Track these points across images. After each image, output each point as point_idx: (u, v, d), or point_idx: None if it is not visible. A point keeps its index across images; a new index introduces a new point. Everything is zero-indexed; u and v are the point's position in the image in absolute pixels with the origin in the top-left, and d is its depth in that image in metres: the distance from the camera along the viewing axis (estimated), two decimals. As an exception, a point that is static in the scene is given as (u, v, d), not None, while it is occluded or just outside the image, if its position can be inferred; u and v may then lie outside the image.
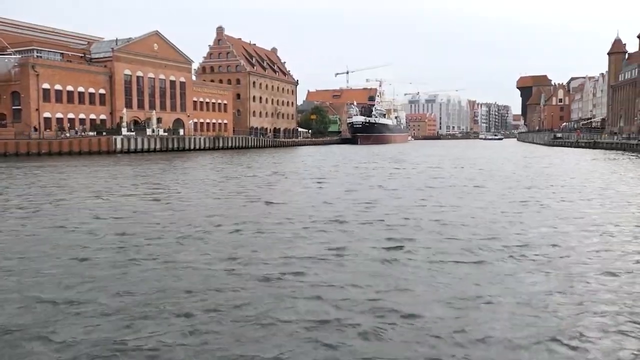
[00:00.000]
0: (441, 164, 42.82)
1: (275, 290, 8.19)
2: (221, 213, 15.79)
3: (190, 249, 10.97)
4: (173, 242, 11.71)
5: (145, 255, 10.39)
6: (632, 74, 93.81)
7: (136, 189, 22.73)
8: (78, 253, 10.63)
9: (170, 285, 8.46)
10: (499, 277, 8.93)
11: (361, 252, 10.60)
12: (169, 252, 10.71)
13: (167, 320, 6.96)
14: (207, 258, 10.19)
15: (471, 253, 10.59)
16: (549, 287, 8.36)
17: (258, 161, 45.88)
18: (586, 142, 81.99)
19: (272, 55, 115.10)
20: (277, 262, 9.86)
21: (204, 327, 6.70)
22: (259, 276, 8.91)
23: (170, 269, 9.44)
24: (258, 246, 11.19)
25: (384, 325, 6.80)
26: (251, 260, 9.96)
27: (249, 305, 7.53)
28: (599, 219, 14.65)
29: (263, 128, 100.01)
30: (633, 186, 23.75)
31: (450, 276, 8.99)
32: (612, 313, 7.25)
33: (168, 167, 36.90)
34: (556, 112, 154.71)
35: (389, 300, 7.72)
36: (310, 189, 22.80)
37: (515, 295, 7.94)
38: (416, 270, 9.40)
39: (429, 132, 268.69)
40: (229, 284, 8.48)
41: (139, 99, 71.03)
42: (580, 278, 8.86)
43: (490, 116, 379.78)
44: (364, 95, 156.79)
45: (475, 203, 17.95)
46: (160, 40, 74.46)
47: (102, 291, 8.12)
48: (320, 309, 7.40)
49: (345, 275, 9.01)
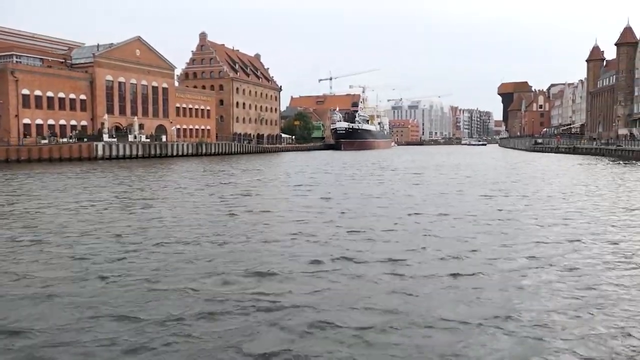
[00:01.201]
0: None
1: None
2: (186, 225, 14.84)
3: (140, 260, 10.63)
4: (120, 252, 11.37)
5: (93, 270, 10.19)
6: (610, 80, 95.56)
7: (97, 197, 22.22)
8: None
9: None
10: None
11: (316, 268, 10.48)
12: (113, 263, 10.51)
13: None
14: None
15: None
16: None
17: (240, 168, 45.68)
18: (566, 148, 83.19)
19: (255, 61, 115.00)
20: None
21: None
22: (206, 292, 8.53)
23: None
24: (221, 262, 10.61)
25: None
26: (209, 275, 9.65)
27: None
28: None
29: (246, 134, 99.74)
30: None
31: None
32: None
33: (145, 175, 36.47)
34: (536, 118, 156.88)
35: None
36: (292, 198, 22.27)
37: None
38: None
39: (411, 138, 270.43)
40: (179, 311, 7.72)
41: (120, 104, 70.36)
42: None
43: (472, 122, 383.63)
44: (348, 102, 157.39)
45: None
46: (142, 45, 73.94)
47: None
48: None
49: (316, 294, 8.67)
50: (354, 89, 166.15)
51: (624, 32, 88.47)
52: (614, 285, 8.87)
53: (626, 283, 9.00)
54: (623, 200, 20.60)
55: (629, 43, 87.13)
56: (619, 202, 20.26)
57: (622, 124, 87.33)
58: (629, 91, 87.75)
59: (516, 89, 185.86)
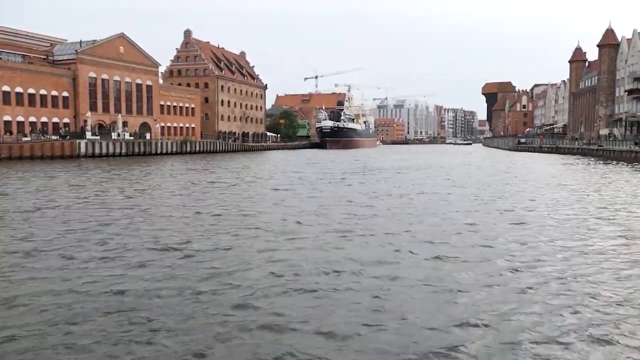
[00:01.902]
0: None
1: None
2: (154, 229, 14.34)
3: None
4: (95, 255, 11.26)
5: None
6: (592, 81, 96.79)
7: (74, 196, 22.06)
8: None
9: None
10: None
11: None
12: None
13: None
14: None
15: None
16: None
17: (224, 166, 45.51)
18: (549, 147, 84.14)
19: (240, 59, 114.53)
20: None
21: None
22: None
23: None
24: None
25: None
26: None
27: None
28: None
29: (231, 132, 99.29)
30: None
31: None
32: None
33: (125, 173, 36.19)
34: (520, 118, 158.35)
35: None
36: (275, 198, 22.23)
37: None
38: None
39: (397, 136, 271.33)
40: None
41: (104, 102, 69.65)
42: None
43: (456, 121, 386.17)
44: (333, 100, 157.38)
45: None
46: (126, 42, 73.23)
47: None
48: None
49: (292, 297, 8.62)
50: (339, 87, 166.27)
51: (606, 34, 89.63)
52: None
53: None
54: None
55: (611, 45, 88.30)
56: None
57: (604, 124, 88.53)
58: (610, 92, 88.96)
59: (500, 89, 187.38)
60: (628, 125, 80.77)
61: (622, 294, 8.53)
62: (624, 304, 8.00)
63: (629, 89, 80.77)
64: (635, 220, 15.89)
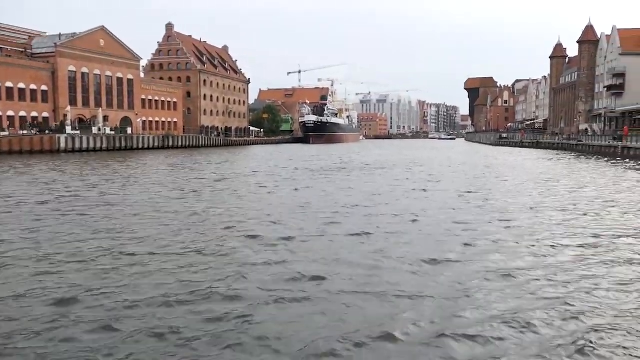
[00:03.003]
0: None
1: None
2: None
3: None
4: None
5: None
6: (572, 77, 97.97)
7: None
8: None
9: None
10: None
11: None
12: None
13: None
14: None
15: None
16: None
17: (205, 161, 45.20)
18: (530, 142, 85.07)
19: (223, 53, 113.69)
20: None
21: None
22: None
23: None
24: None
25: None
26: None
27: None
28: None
29: (214, 127, 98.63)
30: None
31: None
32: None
33: (98, 168, 35.74)
34: (502, 113, 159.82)
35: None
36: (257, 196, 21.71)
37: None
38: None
39: (380, 131, 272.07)
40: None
41: (84, 96, 68.66)
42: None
43: (439, 116, 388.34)
44: (316, 95, 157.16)
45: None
46: (106, 35, 72.22)
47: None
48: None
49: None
50: (322, 82, 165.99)
51: (586, 31, 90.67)
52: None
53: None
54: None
55: (591, 41, 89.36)
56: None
57: (583, 120, 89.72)
58: (589, 88, 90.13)
59: (482, 84, 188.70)
60: (607, 121, 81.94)
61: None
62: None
63: (608, 85, 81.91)
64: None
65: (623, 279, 9.16)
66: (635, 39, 78.42)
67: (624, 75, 78.66)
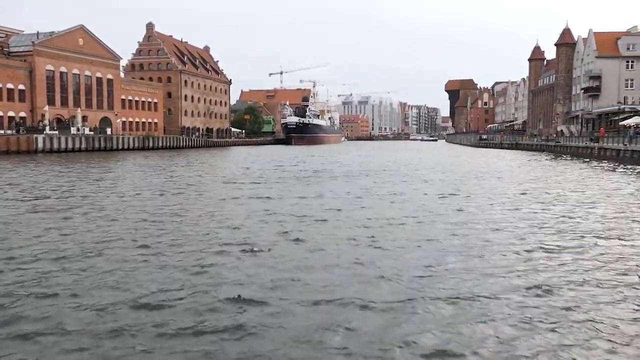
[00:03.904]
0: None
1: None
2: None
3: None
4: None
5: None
6: (550, 79, 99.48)
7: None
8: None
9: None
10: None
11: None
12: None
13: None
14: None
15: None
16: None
17: (185, 162, 44.94)
18: (509, 144, 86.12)
19: (204, 53, 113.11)
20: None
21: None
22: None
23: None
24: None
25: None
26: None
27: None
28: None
29: (195, 128, 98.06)
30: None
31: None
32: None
33: (78, 170, 35.33)
34: (481, 115, 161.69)
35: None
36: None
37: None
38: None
39: (361, 132, 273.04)
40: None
41: (62, 95, 67.74)
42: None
43: (420, 118, 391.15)
44: (298, 96, 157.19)
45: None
46: (85, 35, 71.36)
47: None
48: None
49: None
50: (304, 83, 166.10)
51: (563, 34, 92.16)
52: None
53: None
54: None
55: (568, 44, 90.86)
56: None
57: (561, 122, 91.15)
58: (567, 90, 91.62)
59: (462, 86, 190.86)
60: (584, 122, 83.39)
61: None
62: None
63: (584, 87, 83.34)
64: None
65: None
66: (611, 42, 80.00)
67: (600, 78, 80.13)
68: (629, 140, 46.22)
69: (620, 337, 6.53)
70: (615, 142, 49.00)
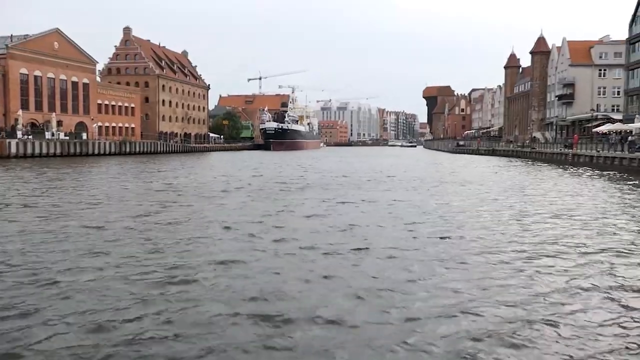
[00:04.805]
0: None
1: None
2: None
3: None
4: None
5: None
6: (525, 86, 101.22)
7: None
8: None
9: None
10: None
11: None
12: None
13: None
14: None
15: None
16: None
17: (160, 169, 44.49)
18: (486, 150, 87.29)
19: (182, 58, 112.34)
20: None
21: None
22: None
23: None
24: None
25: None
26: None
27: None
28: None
29: (173, 133, 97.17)
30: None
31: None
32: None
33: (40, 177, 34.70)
34: (459, 121, 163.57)
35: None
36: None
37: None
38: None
39: (340, 138, 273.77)
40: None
41: (37, 100, 66.52)
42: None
43: (398, 124, 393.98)
44: (277, 102, 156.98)
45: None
46: (61, 38, 70.26)
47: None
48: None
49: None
50: (283, 89, 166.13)
51: (538, 42, 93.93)
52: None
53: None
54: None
55: (542, 52, 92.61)
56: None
57: (536, 128, 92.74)
58: (542, 97, 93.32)
59: (440, 92, 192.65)
60: (558, 129, 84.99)
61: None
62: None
63: (558, 95, 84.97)
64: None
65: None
66: (584, 50, 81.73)
67: (573, 85, 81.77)
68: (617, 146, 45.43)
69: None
70: (589, 149, 50.15)
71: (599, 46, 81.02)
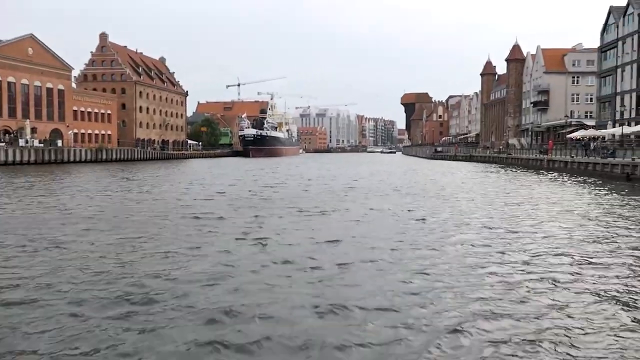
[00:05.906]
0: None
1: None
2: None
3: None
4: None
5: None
6: (501, 93, 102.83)
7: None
8: None
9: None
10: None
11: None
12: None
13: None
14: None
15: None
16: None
17: (135, 176, 43.96)
18: (463, 156, 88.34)
19: (159, 64, 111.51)
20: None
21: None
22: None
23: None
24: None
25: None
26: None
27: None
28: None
29: (150, 140, 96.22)
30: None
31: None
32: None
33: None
34: (436, 128, 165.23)
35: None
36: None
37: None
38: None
39: (319, 145, 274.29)
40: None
41: (10, 106, 65.29)
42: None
43: (377, 130, 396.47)
44: (256, 108, 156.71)
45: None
46: (35, 44, 69.17)
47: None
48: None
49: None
50: (262, 95, 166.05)
51: (513, 50, 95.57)
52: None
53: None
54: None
55: (517, 59, 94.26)
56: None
57: (512, 134, 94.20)
58: (517, 104, 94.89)
59: (418, 99, 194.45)
60: (534, 135, 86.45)
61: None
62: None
63: (533, 101, 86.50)
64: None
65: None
66: (558, 58, 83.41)
67: (547, 92, 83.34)
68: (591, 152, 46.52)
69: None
70: (563, 155, 51.13)
71: (572, 54, 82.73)
